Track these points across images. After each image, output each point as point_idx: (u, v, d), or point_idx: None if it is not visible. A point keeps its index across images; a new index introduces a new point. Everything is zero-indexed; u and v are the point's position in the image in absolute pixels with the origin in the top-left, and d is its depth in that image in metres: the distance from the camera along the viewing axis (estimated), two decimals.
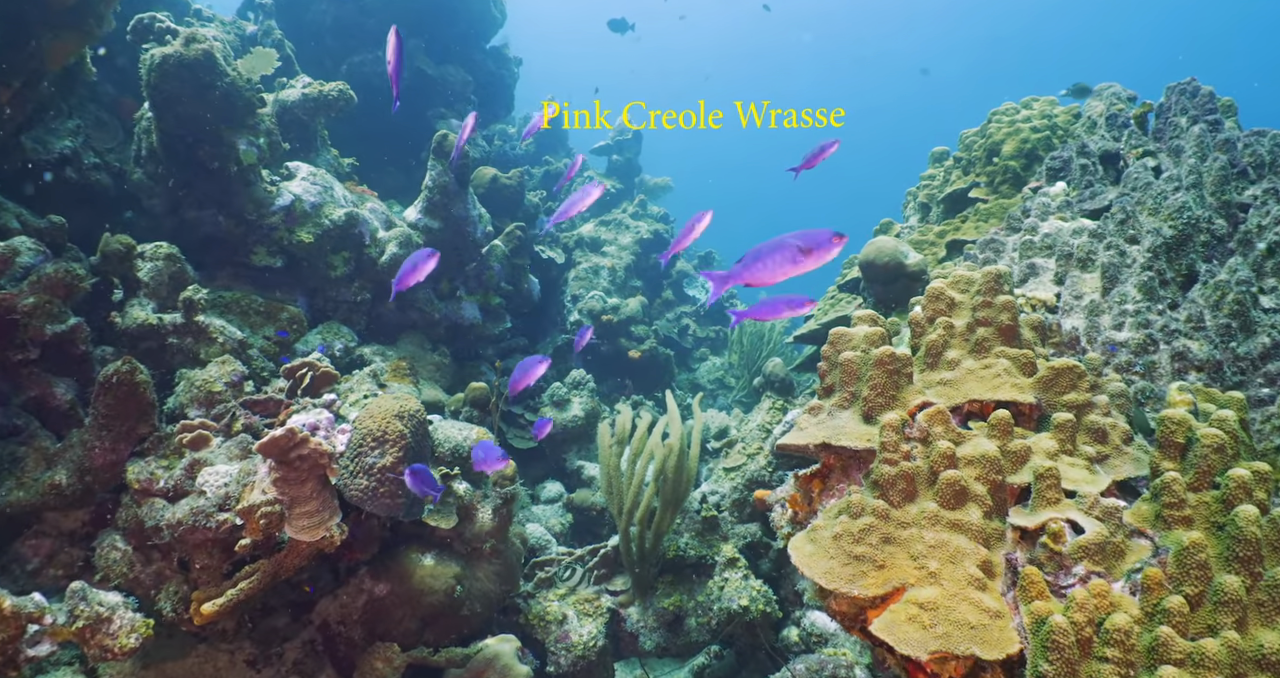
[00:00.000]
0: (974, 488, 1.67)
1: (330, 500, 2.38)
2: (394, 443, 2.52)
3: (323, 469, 2.34)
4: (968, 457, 1.71)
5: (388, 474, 2.51)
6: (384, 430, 2.52)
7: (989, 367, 1.96)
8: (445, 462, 3.59)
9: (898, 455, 1.72)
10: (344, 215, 4.55)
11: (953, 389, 1.96)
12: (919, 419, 1.82)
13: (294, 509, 2.25)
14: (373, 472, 2.50)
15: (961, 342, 2.08)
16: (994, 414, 1.80)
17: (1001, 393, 1.88)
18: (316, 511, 2.28)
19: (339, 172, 5.53)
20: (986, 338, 2.02)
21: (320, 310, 4.65)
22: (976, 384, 1.93)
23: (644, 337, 6.80)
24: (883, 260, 3.93)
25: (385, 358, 4.50)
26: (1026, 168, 4.13)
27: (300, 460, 2.28)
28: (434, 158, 4.77)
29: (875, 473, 1.74)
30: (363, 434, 2.51)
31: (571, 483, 5.25)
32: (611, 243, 7.56)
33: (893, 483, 1.70)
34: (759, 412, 5.10)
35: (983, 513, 1.65)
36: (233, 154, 4.27)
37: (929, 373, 2.06)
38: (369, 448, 2.50)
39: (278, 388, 3.20)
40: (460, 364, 5.26)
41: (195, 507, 2.36)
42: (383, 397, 2.66)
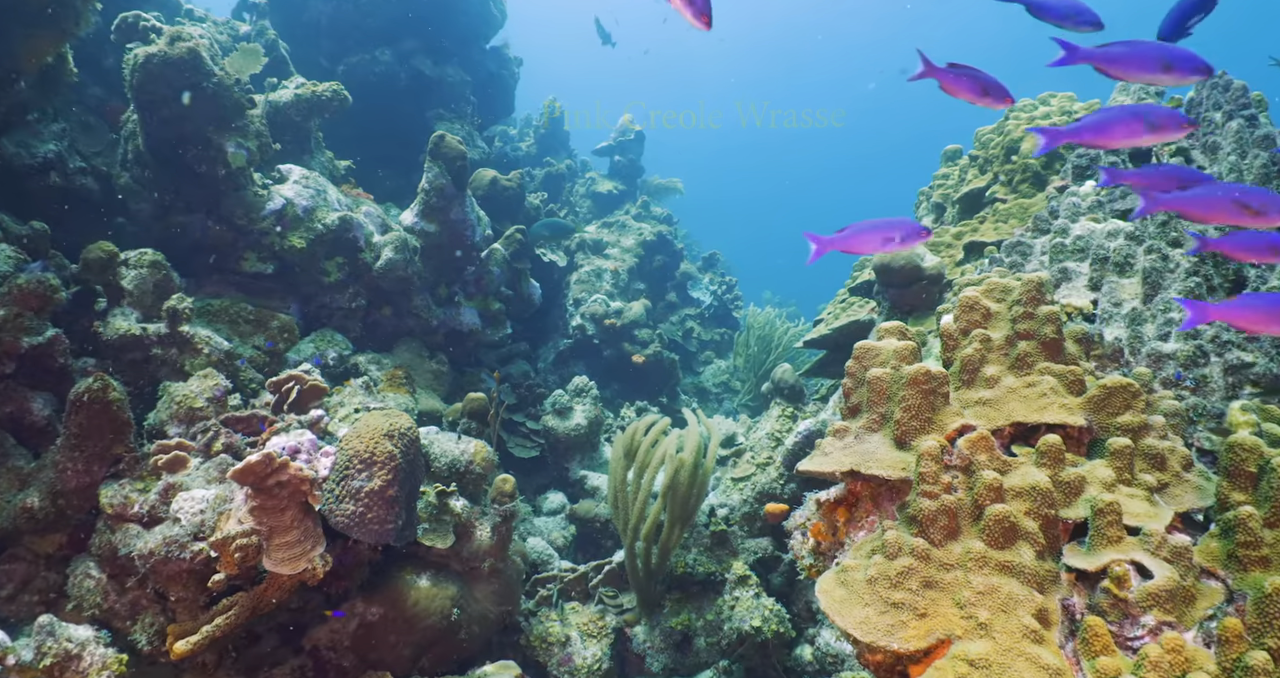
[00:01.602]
0: (1024, 524, 1.49)
1: (313, 529, 2.21)
2: (383, 465, 2.35)
3: (304, 496, 2.17)
4: (1016, 489, 1.54)
5: (376, 498, 2.34)
6: (372, 452, 2.35)
7: (1033, 385, 1.78)
8: (441, 478, 3.42)
9: (938, 488, 1.55)
10: (337, 219, 4.38)
11: (993, 410, 1.79)
12: (960, 446, 1.64)
13: (273, 540, 2.09)
14: (360, 496, 2.33)
15: (1000, 356, 1.90)
16: (1043, 440, 1.62)
17: (1049, 415, 1.70)
18: (297, 541, 2.11)
19: (334, 174, 5.37)
20: (1029, 353, 1.84)
21: (313, 318, 4.49)
22: (1020, 405, 1.76)
23: (648, 341, 6.63)
24: (899, 263, 3.75)
25: (380, 366, 4.33)
26: (1047, 166, 3.95)
27: (279, 488, 2.11)
28: (431, 159, 4.61)
29: (913, 507, 1.57)
30: (349, 456, 2.34)
31: (574, 493, 5.08)
32: (614, 245, 7.39)
33: (933, 519, 1.52)
34: (768, 419, 4.92)
35: (1035, 553, 1.48)
36: (221, 157, 4.10)
37: (965, 391, 1.88)
38: (356, 471, 2.33)
39: (264, 402, 3.03)
40: (459, 372, 5.10)
41: (169, 536, 2.19)
42: (371, 414, 2.49)
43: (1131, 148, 3.34)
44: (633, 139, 8.62)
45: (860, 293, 4.81)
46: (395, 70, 6.48)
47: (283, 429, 2.60)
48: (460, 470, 3.46)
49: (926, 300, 3.82)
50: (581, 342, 6.58)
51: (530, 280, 5.73)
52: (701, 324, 8.06)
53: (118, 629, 2.51)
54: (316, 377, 3.01)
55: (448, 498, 3.24)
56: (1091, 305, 2.48)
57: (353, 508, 2.32)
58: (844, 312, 4.64)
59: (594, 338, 6.54)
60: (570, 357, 6.65)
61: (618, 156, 8.63)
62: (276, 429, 2.59)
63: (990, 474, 1.53)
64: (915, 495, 1.57)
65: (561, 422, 5.05)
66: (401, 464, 2.44)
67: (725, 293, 8.29)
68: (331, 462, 2.36)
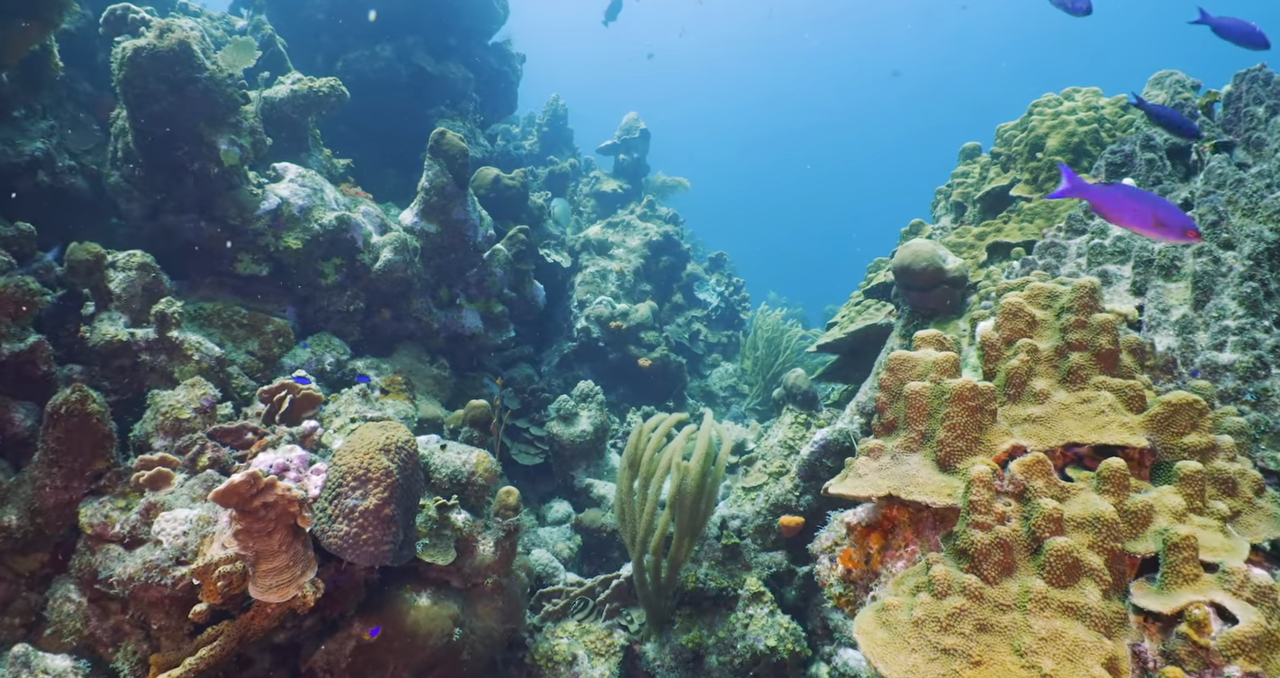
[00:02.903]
0: (1088, 559, 1.34)
1: (303, 553, 2.06)
2: (378, 482, 2.20)
3: (293, 518, 2.02)
4: (1078, 519, 1.39)
5: (371, 518, 2.19)
6: (366, 468, 2.20)
7: (1088, 401, 1.62)
8: (442, 490, 3.27)
9: (991, 517, 1.40)
10: (335, 219, 4.23)
11: (1044, 428, 1.63)
12: (1013, 470, 1.49)
13: (259, 565, 1.94)
14: (354, 516, 2.18)
15: (1049, 368, 1.75)
16: (1105, 464, 1.47)
17: (1109, 435, 1.55)
18: (285, 566, 1.96)
19: (332, 173, 5.22)
20: (1082, 365, 1.68)
21: (310, 321, 4.34)
22: (1075, 423, 1.60)
23: (654, 343, 6.48)
24: (920, 265, 3.59)
25: (380, 371, 4.19)
26: (1074, 164, 3.79)
27: (265, 510, 1.96)
28: (431, 157, 4.46)
29: (963, 539, 1.41)
30: (342, 472, 2.19)
31: (580, 502, 4.93)
32: (619, 245, 7.24)
33: (986, 553, 1.37)
34: (780, 426, 4.77)
35: (1101, 592, 1.32)
36: (213, 154, 3.96)
37: (1012, 407, 1.72)
38: (349, 488, 2.18)
39: (255, 412, 2.88)
40: (461, 376, 4.95)
41: (149, 560, 2.04)
42: (366, 427, 2.34)
43: (1169, 145, 3.18)
44: (638, 137, 8.46)
45: (876, 296, 4.66)
46: (395, 67, 6.33)
47: (272, 444, 2.45)
48: (462, 482, 3.31)
49: (949, 304, 3.66)
50: (586, 344, 6.43)
51: (534, 282, 5.57)
52: (708, 326, 7.90)
53: (100, 657, 2.36)
54: (311, 386, 2.85)
55: (448, 512, 3.10)
56: (1137, 312, 2.32)
57: (346, 529, 2.17)
58: (860, 315, 4.48)
59: (599, 341, 6.39)
60: (575, 360, 6.50)
61: (622, 155, 8.47)
62: (265, 444, 2.44)
63: (1049, 503, 1.38)
64: (965, 526, 1.42)
65: (566, 428, 4.90)
66: (398, 481, 2.28)
67: (732, 294, 8.13)
68: (323, 480, 2.21)
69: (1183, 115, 3.15)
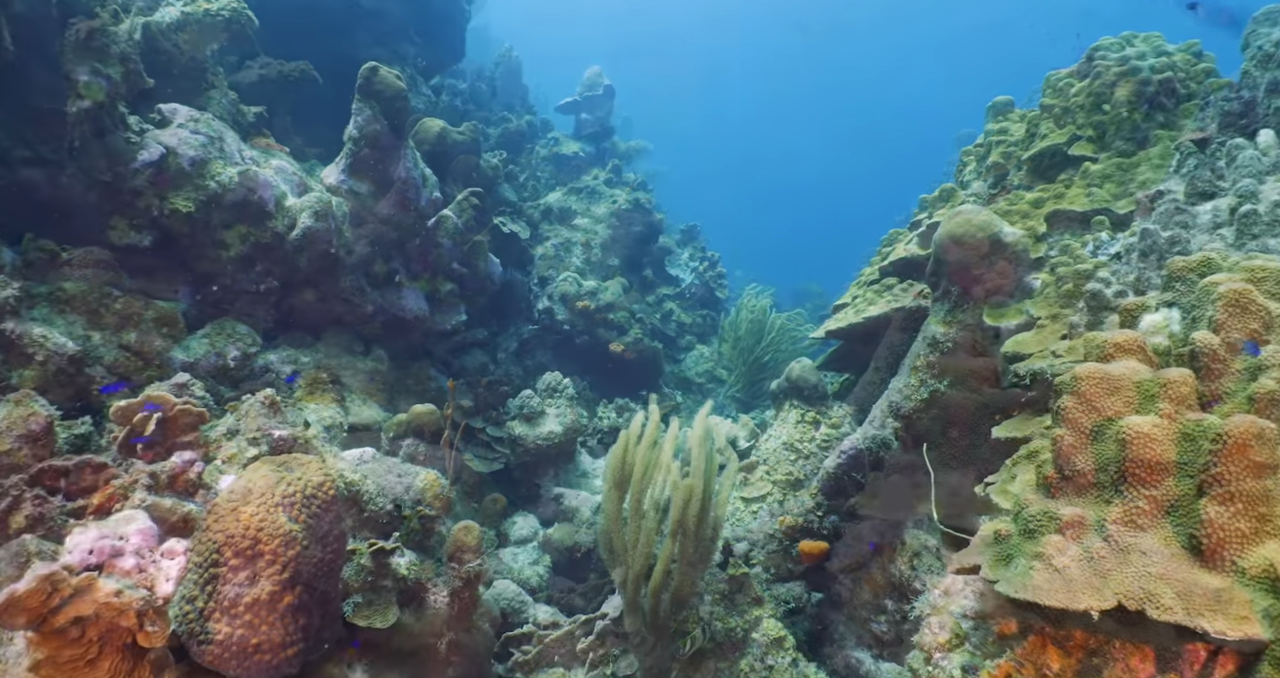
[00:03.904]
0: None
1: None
2: (274, 557, 1.44)
3: (128, 635, 1.25)
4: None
5: (265, 611, 1.42)
6: (255, 536, 1.43)
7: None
8: (379, 526, 2.50)
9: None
10: (237, 175, 3.36)
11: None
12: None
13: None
14: (239, 611, 1.41)
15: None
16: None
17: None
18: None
19: (239, 121, 4.30)
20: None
21: (212, 304, 3.47)
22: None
23: (626, 325, 5.74)
24: (975, 237, 2.92)
25: (299, 367, 3.36)
26: (1148, 117, 3.16)
27: (79, 627, 1.19)
28: (361, 99, 3.60)
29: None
30: (218, 545, 1.42)
31: (549, 515, 4.19)
32: (584, 214, 6.44)
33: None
34: (783, 425, 4.10)
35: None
36: (71, 87, 3.05)
37: None
38: (231, 569, 1.41)
39: (113, 437, 2.06)
40: (402, 368, 4.13)
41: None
42: (257, 470, 1.56)
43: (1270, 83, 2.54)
44: (601, 94, 7.62)
45: (896, 274, 4.00)
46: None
47: (124, 491, 1.64)
48: (405, 514, 2.54)
49: (1006, 285, 3.01)
50: (549, 327, 5.65)
51: (489, 255, 4.76)
52: (682, 305, 7.18)
53: None
54: (189, 399, 2.04)
55: (388, 557, 2.33)
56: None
57: (228, 630, 1.40)
58: (879, 296, 3.82)
59: (564, 323, 5.62)
60: (536, 345, 5.72)
61: (584, 114, 7.63)
62: (114, 493, 1.63)
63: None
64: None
65: (531, 429, 4.14)
66: (307, 550, 1.52)
67: (708, 270, 7.42)
68: (181, 564, 1.43)
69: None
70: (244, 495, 1.46)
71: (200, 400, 2.32)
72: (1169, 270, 1.58)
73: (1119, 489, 1.11)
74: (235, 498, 1.46)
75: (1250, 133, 2.51)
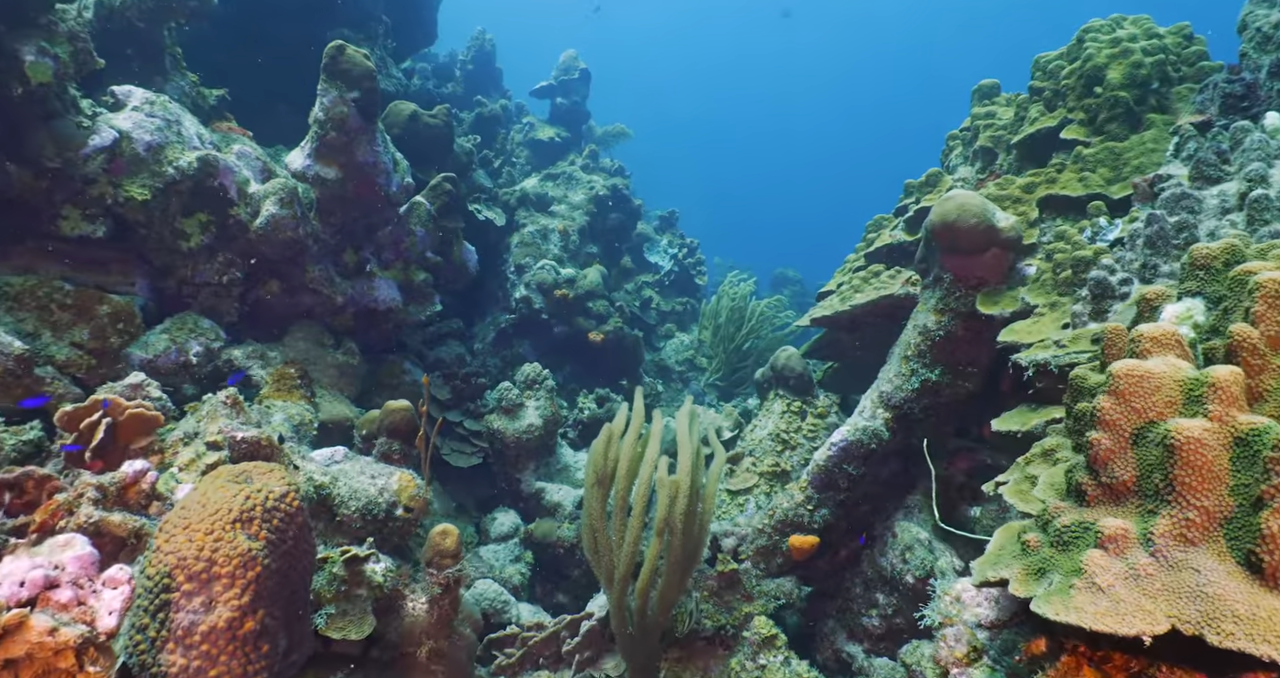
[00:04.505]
0: None
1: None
2: (232, 579, 1.31)
3: (68, 676, 1.12)
4: None
5: (223, 639, 1.30)
6: (211, 557, 1.30)
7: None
8: (352, 531, 2.37)
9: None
10: (196, 161, 3.18)
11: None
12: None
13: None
14: (193, 640, 1.28)
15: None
16: None
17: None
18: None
19: (199, 104, 4.10)
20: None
21: (172, 298, 3.30)
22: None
23: (606, 314, 5.61)
24: (969, 223, 2.83)
25: (266, 363, 3.20)
26: (1140, 100, 3.08)
27: (7, 673, 1.06)
28: (327, 79, 3.42)
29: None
30: (168, 568, 1.29)
31: (529, 510, 4.08)
32: (561, 201, 6.29)
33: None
34: (769, 415, 4.01)
35: None
36: (15, 68, 2.85)
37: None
38: (184, 595, 1.28)
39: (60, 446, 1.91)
40: (375, 362, 3.99)
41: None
42: (212, 480, 1.43)
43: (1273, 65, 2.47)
44: (577, 78, 7.44)
45: (881, 260, 3.91)
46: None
47: (69, 507, 1.50)
48: (379, 517, 2.42)
49: (999, 272, 2.93)
50: (527, 316, 5.51)
51: (463, 243, 4.61)
52: (660, 293, 7.07)
53: None
54: (144, 402, 1.90)
55: (362, 564, 2.21)
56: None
57: (183, 662, 1.28)
58: (866, 283, 3.73)
59: (542, 312, 5.48)
60: (513, 335, 5.58)
61: (560, 99, 7.45)
62: (56, 510, 1.49)
63: None
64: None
65: (511, 423, 4.01)
66: (270, 570, 1.39)
67: (686, 257, 7.31)
68: (125, 594, 1.30)
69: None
70: (198, 512, 1.32)
71: (157, 402, 2.17)
72: (1191, 258, 1.49)
73: (1165, 499, 1.02)
74: (188, 515, 1.32)
75: (1253, 116, 2.44)
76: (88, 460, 1.76)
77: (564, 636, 3.02)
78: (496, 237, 5.84)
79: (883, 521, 3.29)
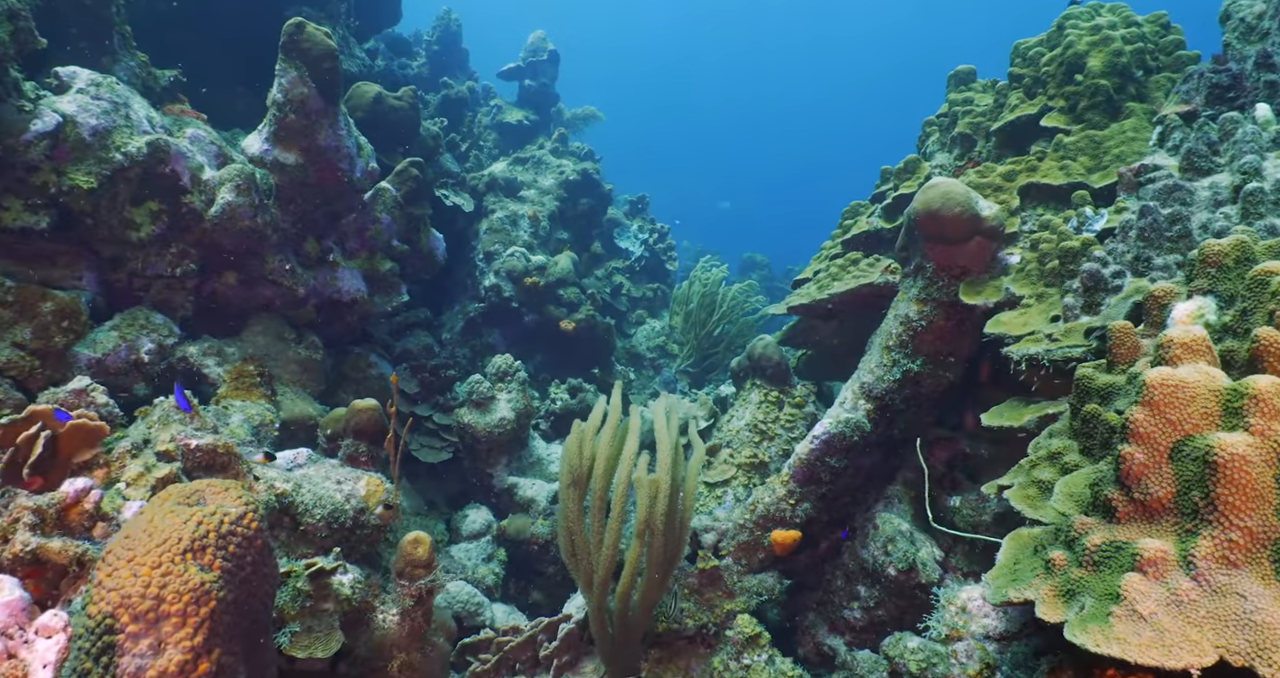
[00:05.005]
0: None
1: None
2: (183, 618, 1.20)
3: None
4: None
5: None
6: (159, 595, 1.18)
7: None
8: (317, 541, 2.26)
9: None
10: (146, 146, 3.00)
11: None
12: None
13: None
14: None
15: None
16: None
17: None
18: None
19: (150, 86, 3.88)
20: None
21: (122, 292, 3.12)
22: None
23: (577, 301, 5.50)
24: (953, 211, 2.77)
25: (224, 359, 3.05)
26: (1120, 89, 3.04)
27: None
28: (285, 58, 3.24)
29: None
30: (110, 608, 1.17)
31: (502, 506, 3.98)
32: (531, 185, 6.13)
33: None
34: (746, 405, 3.95)
35: None
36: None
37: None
38: (128, 639, 1.16)
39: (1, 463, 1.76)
40: (339, 355, 3.84)
41: None
42: (160, 503, 1.30)
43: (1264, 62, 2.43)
44: (546, 60, 7.25)
45: (858, 247, 3.85)
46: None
47: (0, 538, 1.37)
48: (346, 525, 2.30)
49: (982, 262, 2.88)
50: (497, 305, 5.38)
51: (431, 230, 4.45)
52: (631, 279, 6.96)
53: None
54: (88, 411, 1.76)
55: (327, 578, 2.09)
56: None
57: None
58: (845, 272, 3.66)
59: (512, 300, 5.35)
60: (483, 324, 5.44)
61: (528, 81, 7.26)
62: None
63: None
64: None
65: (482, 417, 3.90)
66: (226, 602, 1.28)
67: (657, 242, 7.20)
68: (60, 645, 1.18)
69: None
70: (144, 542, 1.20)
71: (104, 408, 2.03)
72: (1201, 255, 1.43)
73: (1205, 518, 0.96)
74: (133, 545, 1.20)
75: (1239, 107, 2.40)
76: (26, 478, 1.62)
77: (541, 639, 2.94)
78: (464, 223, 5.68)
79: (863, 512, 3.25)
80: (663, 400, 3.55)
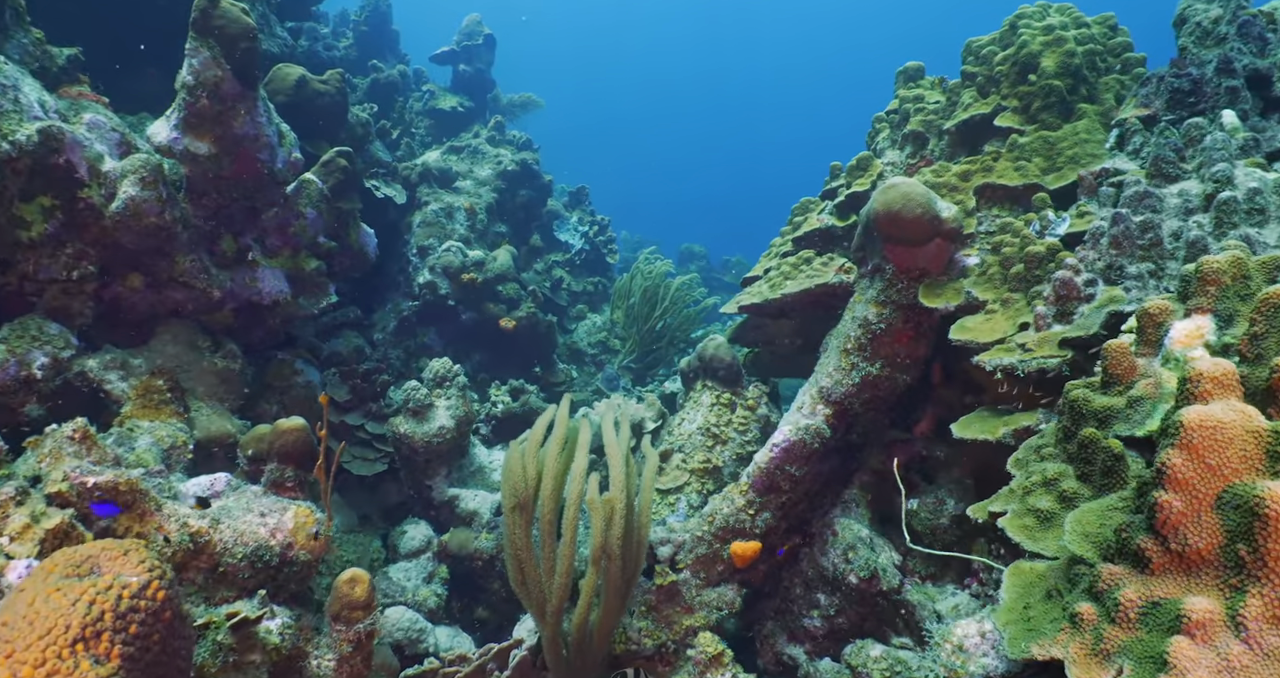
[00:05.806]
0: None
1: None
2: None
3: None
4: None
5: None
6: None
7: None
8: (240, 582, 2.03)
9: None
10: (37, 134, 2.66)
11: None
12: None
13: None
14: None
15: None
16: None
17: None
18: None
19: (45, 66, 3.48)
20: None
21: (11, 298, 2.78)
22: None
23: (517, 298, 5.29)
24: (913, 212, 2.70)
25: (128, 373, 2.75)
26: (1073, 90, 3.01)
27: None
28: (197, 37, 2.93)
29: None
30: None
31: (442, 518, 3.77)
32: (467, 176, 5.86)
33: None
34: (697, 408, 3.82)
35: None
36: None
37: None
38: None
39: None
40: (261, 362, 3.55)
41: None
42: (43, 577, 1.08)
43: (1250, 72, 2.41)
44: (481, 44, 6.96)
45: (810, 245, 3.76)
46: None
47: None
48: (272, 564, 2.08)
49: (940, 264, 2.81)
50: (432, 303, 5.12)
51: (361, 225, 4.18)
52: (572, 273, 6.77)
53: None
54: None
55: (253, 625, 1.87)
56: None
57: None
58: (797, 270, 3.57)
59: (448, 298, 5.10)
60: (417, 323, 5.17)
61: (463, 65, 6.95)
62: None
63: None
64: None
65: (419, 426, 3.67)
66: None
67: (598, 235, 7.02)
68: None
69: None
70: (23, 633, 0.99)
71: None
72: (1199, 272, 1.35)
73: (1254, 574, 0.86)
74: (10, 637, 0.98)
75: (1199, 112, 2.37)
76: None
77: (491, 668, 2.76)
78: (396, 215, 5.39)
79: (820, 517, 3.18)
80: (610, 407, 3.40)
